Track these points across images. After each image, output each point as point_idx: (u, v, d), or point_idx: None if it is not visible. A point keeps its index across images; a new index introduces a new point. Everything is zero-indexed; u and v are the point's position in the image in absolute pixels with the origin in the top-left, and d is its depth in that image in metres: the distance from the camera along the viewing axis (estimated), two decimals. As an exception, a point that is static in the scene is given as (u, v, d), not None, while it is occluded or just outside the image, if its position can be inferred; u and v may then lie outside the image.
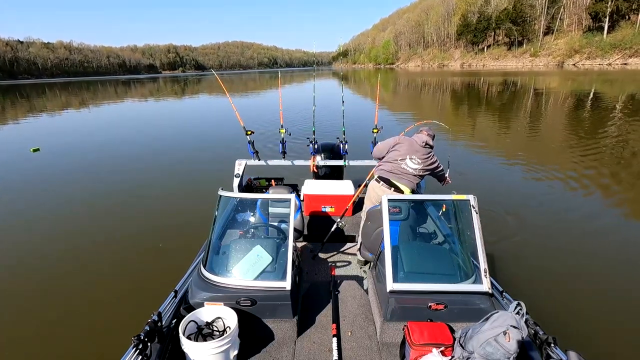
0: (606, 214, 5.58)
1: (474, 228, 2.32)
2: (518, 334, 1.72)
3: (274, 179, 4.47)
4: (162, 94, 35.13)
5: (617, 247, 4.57)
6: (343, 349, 2.27)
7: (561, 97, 20.10)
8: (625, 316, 3.35)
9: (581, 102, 17.57)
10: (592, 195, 6.30)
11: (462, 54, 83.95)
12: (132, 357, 1.72)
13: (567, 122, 13.30)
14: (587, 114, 14.57)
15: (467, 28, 77.96)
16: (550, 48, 59.32)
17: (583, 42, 52.94)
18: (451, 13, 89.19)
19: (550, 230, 5.04)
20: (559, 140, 10.62)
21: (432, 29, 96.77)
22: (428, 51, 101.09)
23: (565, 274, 4.02)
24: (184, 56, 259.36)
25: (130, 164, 9.05)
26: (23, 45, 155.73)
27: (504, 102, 19.44)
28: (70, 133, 14.74)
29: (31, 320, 3.39)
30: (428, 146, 3.15)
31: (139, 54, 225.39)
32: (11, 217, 5.89)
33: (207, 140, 11.84)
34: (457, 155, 9.37)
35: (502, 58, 69.43)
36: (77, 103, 30.47)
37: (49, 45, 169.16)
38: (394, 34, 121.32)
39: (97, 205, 6.25)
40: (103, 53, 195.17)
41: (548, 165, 7.99)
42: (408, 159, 3.11)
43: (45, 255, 4.61)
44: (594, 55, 50.56)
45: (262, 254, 2.36)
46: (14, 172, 8.85)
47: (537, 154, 9.14)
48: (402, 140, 3.21)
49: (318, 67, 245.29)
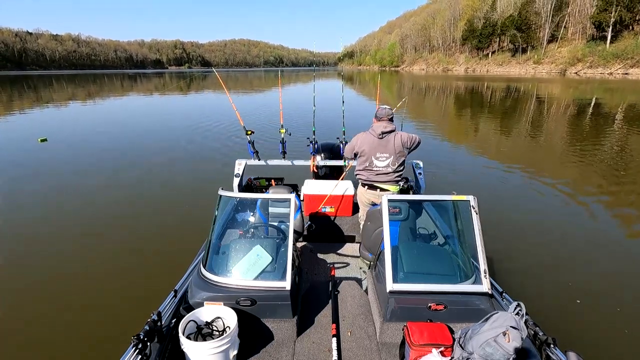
0: (606, 217, 5.60)
1: (474, 229, 2.30)
2: (518, 335, 1.70)
3: (274, 179, 4.41)
4: (168, 90, 35.02)
5: (616, 248, 4.58)
6: (343, 349, 2.24)
7: (563, 104, 20.13)
8: (624, 317, 3.34)
9: (582, 110, 17.63)
10: (592, 200, 6.31)
11: (467, 59, 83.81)
12: (132, 357, 1.70)
13: (568, 128, 13.32)
14: (588, 121, 14.58)
15: (472, 33, 77.84)
16: (554, 56, 59.21)
17: (586, 51, 52.82)
18: (457, 18, 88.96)
19: (550, 231, 5.04)
20: (562, 145, 10.67)
21: (438, 32, 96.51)
22: (433, 55, 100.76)
23: (566, 275, 4.01)
24: (191, 52, 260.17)
25: (131, 162, 8.90)
26: (32, 36, 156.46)
27: (507, 108, 19.44)
28: (75, 125, 14.76)
29: (30, 319, 3.33)
30: (387, 133, 2.99)
31: (146, 49, 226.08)
32: (10, 211, 5.81)
33: (209, 138, 11.69)
34: (460, 157, 9.46)
35: (505, 64, 69.34)
36: (84, 96, 30.49)
37: (57, 38, 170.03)
38: (400, 36, 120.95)
39: (97, 202, 6.15)
40: (110, 47, 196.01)
41: (549, 169, 8.03)
42: (374, 159, 3.03)
43: (44, 255, 4.49)
44: (595, 65, 50.38)
45: (262, 254, 2.34)
46: (18, 162, 8.85)
47: (539, 158, 9.17)
48: (362, 142, 3.09)
49: (323, 68, 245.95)
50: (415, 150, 3.14)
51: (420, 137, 3.17)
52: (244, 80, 39.67)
